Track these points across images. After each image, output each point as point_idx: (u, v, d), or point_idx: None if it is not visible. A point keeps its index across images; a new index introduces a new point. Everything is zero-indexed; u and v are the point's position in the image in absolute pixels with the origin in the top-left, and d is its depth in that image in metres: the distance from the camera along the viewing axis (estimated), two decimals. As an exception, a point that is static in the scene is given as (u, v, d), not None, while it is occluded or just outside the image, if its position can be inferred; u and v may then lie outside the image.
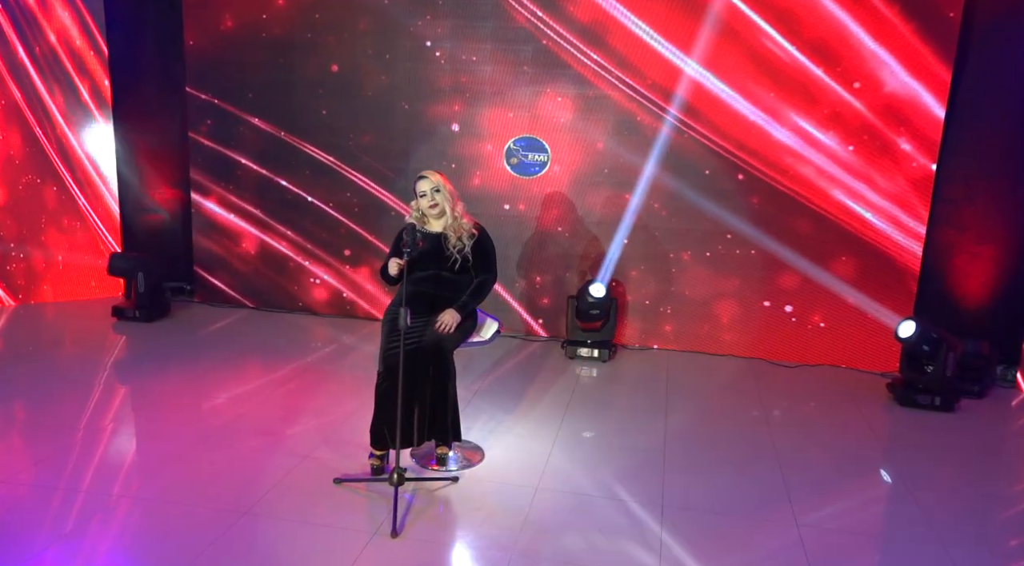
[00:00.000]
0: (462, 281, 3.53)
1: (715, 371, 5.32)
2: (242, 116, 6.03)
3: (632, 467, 3.73)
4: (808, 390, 5.03)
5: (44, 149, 6.01)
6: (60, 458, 3.54)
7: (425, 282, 3.48)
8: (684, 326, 5.67)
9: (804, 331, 5.49)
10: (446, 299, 3.47)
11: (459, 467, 3.63)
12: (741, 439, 4.14)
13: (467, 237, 3.50)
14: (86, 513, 3.06)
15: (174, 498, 3.22)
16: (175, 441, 3.81)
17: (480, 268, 3.56)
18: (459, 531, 3.10)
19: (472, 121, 5.71)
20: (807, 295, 5.44)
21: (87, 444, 3.73)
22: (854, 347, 5.43)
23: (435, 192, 3.47)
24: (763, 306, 5.52)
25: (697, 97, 5.33)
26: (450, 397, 3.42)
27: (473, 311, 3.59)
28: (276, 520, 3.09)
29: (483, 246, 3.56)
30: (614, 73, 5.42)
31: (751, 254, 5.46)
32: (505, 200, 5.77)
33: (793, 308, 5.47)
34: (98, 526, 2.98)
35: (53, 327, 5.73)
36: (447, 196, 3.49)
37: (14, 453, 3.61)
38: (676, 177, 5.47)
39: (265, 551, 2.87)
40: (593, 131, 5.54)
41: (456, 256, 3.46)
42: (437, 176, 3.51)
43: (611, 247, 5.61)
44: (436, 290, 3.48)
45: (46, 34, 5.88)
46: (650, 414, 4.45)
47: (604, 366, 5.31)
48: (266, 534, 2.98)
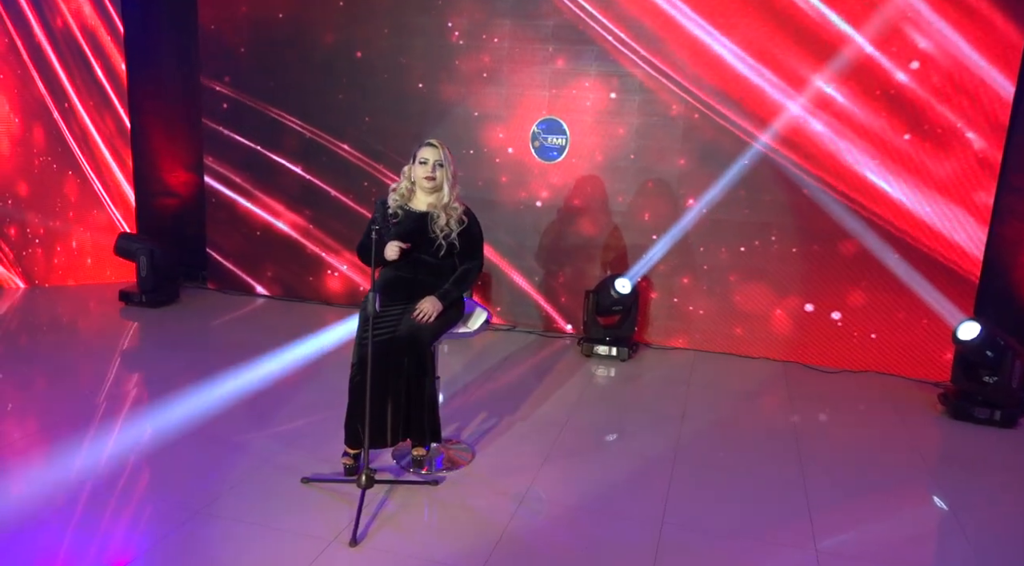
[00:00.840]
0: (445, 267, 3.20)
1: (745, 374, 4.87)
2: (256, 100, 5.84)
3: (635, 478, 3.34)
4: (847, 398, 4.53)
5: (60, 131, 5.94)
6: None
7: (405, 266, 3.17)
8: (714, 325, 5.22)
9: (848, 334, 4.98)
10: (427, 286, 3.15)
11: (444, 469, 3.30)
12: (763, 450, 3.70)
13: (456, 222, 3.17)
14: (34, 504, 2.85)
15: (132, 492, 2.98)
16: (139, 432, 3.59)
17: (466, 256, 3.23)
18: (425, 543, 2.77)
19: (491, 103, 5.38)
20: (853, 295, 4.93)
21: (40, 433, 3.54)
22: (904, 353, 4.89)
23: (438, 165, 3.15)
24: (803, 306, 5.03)
25: (730, 79, 4.88)
26: (427, 393, 3.10)
27: (458, 300, 3.26)
28: (231, 521, 2.82)
29: (472, 233, 3.23)
30: (641, 53, 5.01)
31: (792, 252, 4.98)
32: (524, 186, 5.43)
33: (836, 309, 4.96)
34: (41, 521, 2.76)
35: (56, 310, 5.63)
36: (448, 174, 3.17)
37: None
38: (708, 166, 5.03)
39: (208, 554, 2.60)
40: (618, 114, 5.15)
41: (441, 241, 3.14)
42: (444, 149, 3.18)
43: (656, 246, 5.19)
44: (416, 275, 3.16)
45: (62, 13, 5.80)
46: (665, 419, 4.04)
47: (622, 365, 4.91)
48: (214, 536, 2.72)
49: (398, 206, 3.20)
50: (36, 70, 5.78)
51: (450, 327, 3.21)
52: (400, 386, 3.05)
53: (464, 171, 5.50)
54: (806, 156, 4.83)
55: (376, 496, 3.03)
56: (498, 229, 5.52)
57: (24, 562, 2.52)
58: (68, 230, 6.11)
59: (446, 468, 3.32)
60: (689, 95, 4.98)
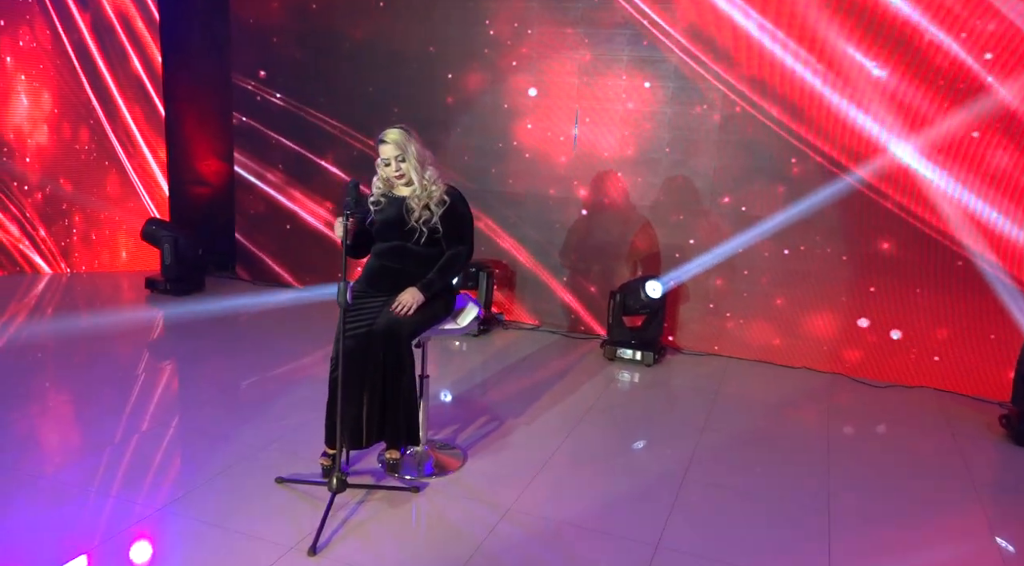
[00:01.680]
0: (433, 255, 2.98)
1: (782, 385, 4.48)
2: (286, 91, 5.76)
3: (636, 494, 3.05)
4: (894, 415, 4.10)
5: (99, 120, 6.01)
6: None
7: (389, 255, 2.96)
8: (751, 331, 4.83)
9: (904, 347, 4.52)
10: (413, 276, 2.93)
11: (433, 474, 3.08)
12: (787, 469, 3.34)
13: (436, 204, 2.94)
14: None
15: (104, 482, 2.88)
16: (126, 420, 3.50)
17: (451, 239, 2.99)
18: (388, 556, 2.55)
19: (520, 93, 5.13)
20: (909, 303, 4.47)
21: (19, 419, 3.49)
22: (965, 369, 4.40)
23: (400, 161, 2.93)
24: (849, 311, 4.60)
25: (770, 69, 4.49)
26: (404, 392, 2.88)
27: (446, 292, 3.03)
28: (191, 519, 2.67)
29: (455, 213, 2.99)
30: (676, 38, 4.67)
31: (842, 259, 4.55)
32: (551, 180, 5.16)
33: (887, 316, 4.52)
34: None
35: (84, 297, 5.67)
36: (414, 162, 2.93)
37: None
38: (746, 161, 4.65)
39: (157, 553, 2.45)
40: (651, 105, 4.82)
41: (421, 228, 2.91)
42: (401, 136, 2.94)
43: (700, 257, 4.83)
44: (401, 265, 2.95)
45: (102, 3, 5.86)
46: (683, 429, 3.72)
47: (647, 371, 4.59)
48: (169, 534, 2.57)
49: (381, 193, 3.00)
50: (77, 60, 5.86)
51: (436, 322, 2.98)
52: (376, 383, 2.84)
53: (490, 164, 5.28)
54: (864, 160, 4.41)
55: (350, 501, 2.84)
56: (524, 224, 5.28)
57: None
58: (104, 217, 6.18)
59: (436, 473, 3.09)
60: (726, 86, 4.62)
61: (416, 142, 2.97)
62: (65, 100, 5.92)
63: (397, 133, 2.95)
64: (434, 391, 4.03)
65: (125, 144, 6.12)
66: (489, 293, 5.08)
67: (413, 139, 2.97)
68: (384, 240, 2.96)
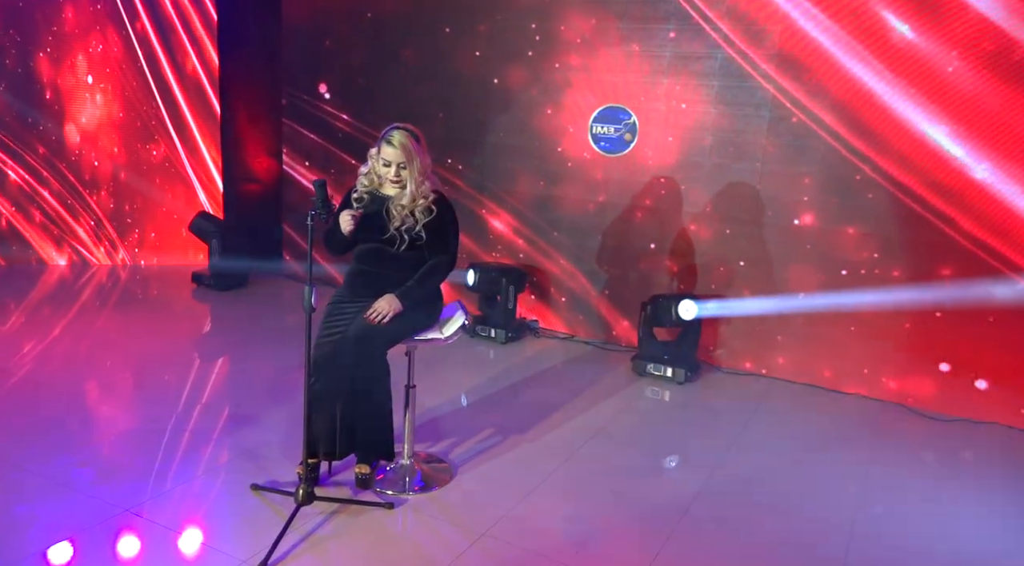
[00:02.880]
0: (415, 260, 2.83)
1: (827, 412, 4.08)
2: (335, 90, 5.76)
3: (626, 527, 2.80)
4: (953, 453, 3.65)
5: (160, 117, 6.20)
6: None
7: (368, 259, 2.84)
8: (799, 351, 4.44)
9: (966, 375, 4.03)
10: (391, 281, 2.80)
11: (409, 491, 2.94)
12: (809, 509, 3.00)
13: (421, 212, 2.78)
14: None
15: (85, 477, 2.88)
16: (125, 412, 3.53)
17: (434, 248, 2.83)
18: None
19: (557, 91, 4.92)
20: (977, 330, 3.98)
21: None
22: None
23: (402, 168, 2.78)
24: (911, 337, 4.14)
25: (833, 73, 4.09)
26: (375, 404, 2.74)
27: (429, 300, 2.87)
28: (154, 523, 2.63)
29: (440, 222, 2.82)
30: (723, 31, 4.35)
31: (904, 281, 4.10)
32: (587, 182, 4.92)
33: (955, 345, 4.04)
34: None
35: (132, 288, 5.84)
36: (416, 174, 2.79)
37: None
38: (798, 167, 4.27)
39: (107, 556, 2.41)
40: (694, 103, 4.50)
41: (402, 235, 2.77)
42: (410, 143, 2.79)
43: (749, 301, 4.47)
44: (379, 269, 2.82)
45: (164, 5, 6.04)
46: (700, 456, 3.43)
47: (678, 389, 4.29)
48: (127, 538, 2.52)
49: (366, 191, 2.87)
50: (144, 60, 6.08)
51: (416, 331, 2.83)
52: (347, 393, 2.72)
53: (526, 166, 5.09)
54: (934, 183, 3.96)
55: (319, 515, 2.72)
56: (559, 229, 5.06)
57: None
58: (162, 212, 6.37)
59: (419, 489, 2.95)
60: (773, 86, 4.25)
61: (422, 153, 2.83)
62: (130, 100, 6.13)
63: (407, 139, 2.81)
64: (448, 399, 3.89)
65: (184, 142, 6.28)
66: (513, 300, 4.88)
67: (421, 149, 2.83)
68: (364, 243, 2.83)
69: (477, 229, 5.35)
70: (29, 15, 5.87)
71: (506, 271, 4.91)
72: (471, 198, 5.34)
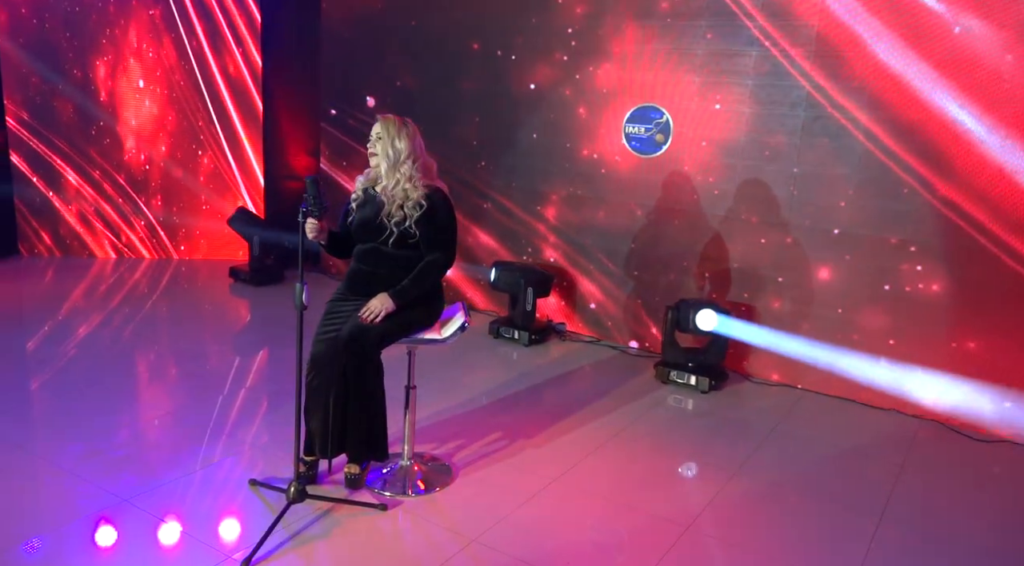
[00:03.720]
0: (410, 259, 2.80)
1: (859, 427, 3.87)
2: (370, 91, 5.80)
3: (625, 541, 2.71)
4: (993, 477, 3.41)
5: (209, 116, 6.36)
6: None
7: (363, 257, 2.82)
8: (836, 363, 4.21)
9: (1012, 396, 3.77)
10: (385, 280, 2.77)
11: (405, 493, 2.90)
12: (824, 529, 2.83)
13: (411, 207, 2.74)
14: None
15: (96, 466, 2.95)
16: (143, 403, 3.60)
17: (428, 246, 2.79)
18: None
19: (589, 89, 4.82)
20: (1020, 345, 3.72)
21: (79, 396, 3.67)
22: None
23: (377, 139, 2.77)
24: (956, 352, 3.89)
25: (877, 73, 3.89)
26: (366, 404, 2.72)
27: (426, 300, 2.83)
28: (148, 512, 2.66)
29: (434, 218, 2.78)
30: (758, 24, 4.18)
31: (950, 295, 3.86)
32: (617, 184, 4.81)
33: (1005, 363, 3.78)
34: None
35: (172, 282, 6.00)
36: (390, 151, 2.74)
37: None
38: (833, 169, 4.07)
39: (94, 548, 2.45)
40: (728, 103, 4.34)
41: (392, 228, 2.73)
42: (394, 122, 2.78)
43: (776, 335, 4.31)
44: (374, 268, 2.79)
45: (212, 7, 6.19)
46: (712, 470, 3.29)
47: (701, 398, 4.14)
48: (120, 527, 2.56)
49: (362, 189, 2.85)
50: (194, 61, 6.25)
51: (412, 330, 2.79)
52: (338, 392, 2.70)
53: (556, 165, 5.01)
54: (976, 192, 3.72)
55: (311, 513, 2.72)
56: (588, 231, 4.96)
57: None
58: (203, 209, 6.53)
59: (415, 491, 2.91)
60: (810, 83, 4.06)
61: (406, 137, 2.79)
62: (179, 102, 6.31)
63: (393, 117, 2.82)
64: (460, 400, 3.85)
65: (229, 141, 6.42)
66: (532, 301, 4.81)
67: (405, 132, 2.79)
68: (361, 241, 2.82)
69: (506, 230, 5.30)
70: (83, 20, 6.09)
71: (527, 272, 4.84)
72: (501, 199, 5.29)
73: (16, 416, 3.39)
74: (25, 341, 4.42)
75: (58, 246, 6.42)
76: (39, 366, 4.07)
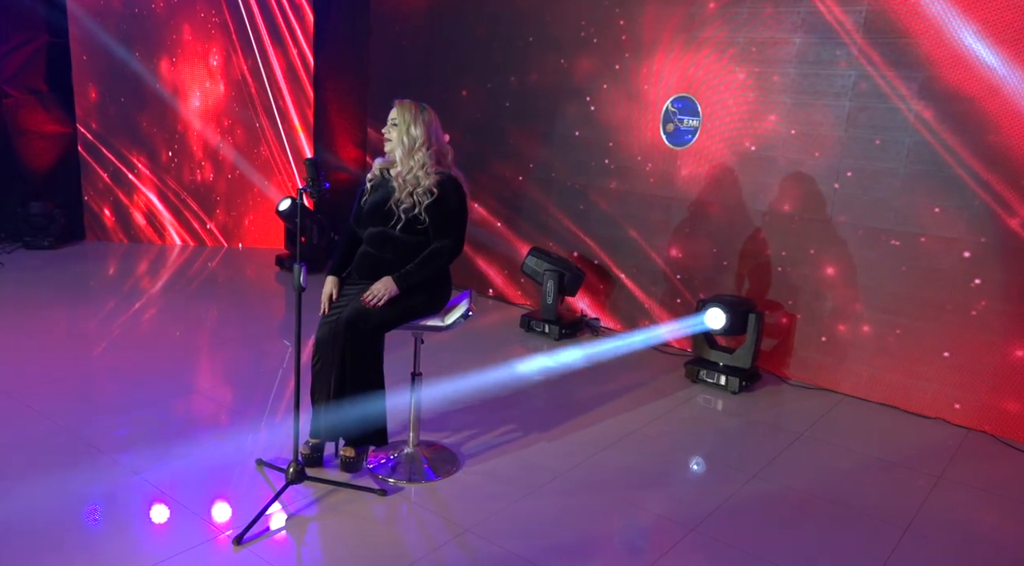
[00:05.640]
0: (418, 244, 2.78)
1: (897, 435, 3.65)
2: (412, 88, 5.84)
3: (625, 538, 2.63)
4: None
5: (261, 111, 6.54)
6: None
7: (371, 241, 2.82)
8: (880, 367, 3.99)
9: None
10: (391, 264, 2.77)
11: (407, 479, 2.90)
12: (837, 537, 2.68)
13: (422, 194, 2.72)
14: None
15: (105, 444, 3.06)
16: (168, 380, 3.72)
17: (437, 232, 2.77)
18: (309, 560, 2.41)
19: (621, 78, 4.71)
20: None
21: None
22: None
23: (392, 125, 2.77)
24: (1009, 360, 3.63)
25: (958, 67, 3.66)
26: (363, 388, 2.72)
27: (431, 286, 2.81)
28: (154, 488, 2.74)
29: (444, 206, 2.76)
30: (802, 9, 3.99)
31: (1005, 296, 3.61)
32: (653, 175, 4.68)
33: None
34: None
35: (221, 269, 6.19)
36: (405, 138, 2.74)
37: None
38: (883, 163, 3.86)
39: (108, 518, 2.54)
40: (769, 92, 4.16)
41: (400, 215, 2.72)
42: (411, 107, 2.78)
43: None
44: (380, 252, 2.79)
45: (275, 4, 6.36)
46: (728, 472, 3.16)
47: (731, 399, 3.99)
48: (129, 500, 2.65)
49: (378, 171, 2.86)
50: (259, 55, 6.44)
51: (413, 317, 2.78)
52: (337, 375, 2.71)
53: (591, 157, 4.93)
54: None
55: (310, 495, 2.74)
56: (625, 224, 4.86)
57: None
58: (257, 197, 6.72)
59: (417, 478, 2.90)
60: (857, 71, 3.85)
61: (422, 123, 2.78)
62: (238, 97, 6.51)
63: (410, 103, 2.81)
64: (478, 389, 3.82)
65: (286, 133, 6.58)
66: (554, 294, 4.73)
67: (421, 119, 2.78)
68: (372, 225, 2.82)
69: (539, 222, 5.25)
70: (149, 19, 6.34)
71: (558, 264, 4.77)
72: (536, 190, 5.24)
73: (54, 389, 3.55)
74: (74, 322, 4.64)
75: (123, 233, 6.72)
76: (80, 342, 4.26)
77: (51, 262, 5.92)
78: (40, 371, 3.74)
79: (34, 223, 6.15)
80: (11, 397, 3.40)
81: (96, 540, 2.41)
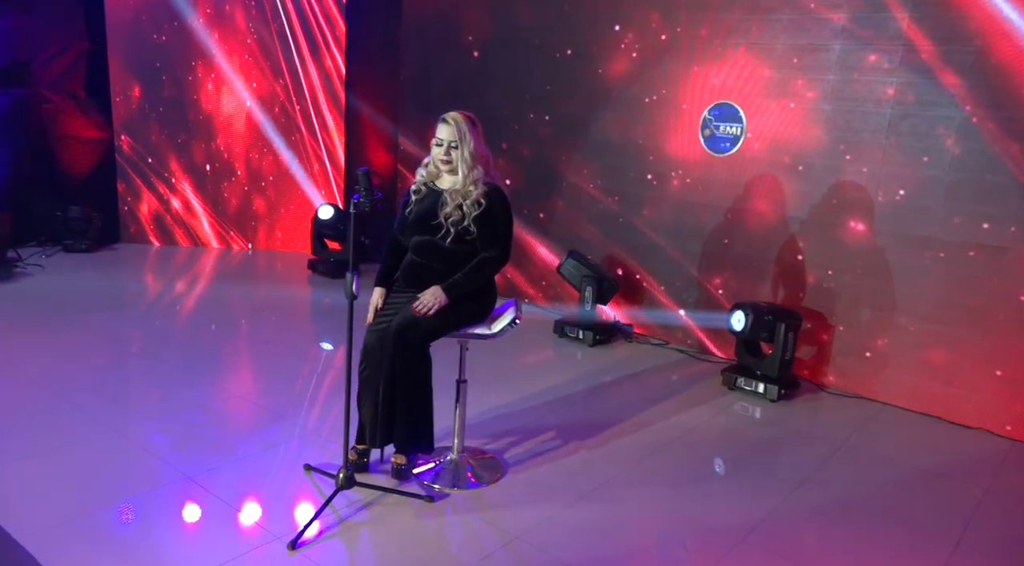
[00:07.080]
0: (465, 254, 2.80)
1: (942, 446, 3.61)
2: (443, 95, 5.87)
3: (674, 547, 2.64)
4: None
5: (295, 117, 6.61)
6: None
7: (418, 250, 2.84)
8: (921, 376, 3.96)
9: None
10: (439, 274, 2.79)
11: (453, 486, 2.92)
12: (888, 552, 2.66)
13: (470, 205, 2.75)
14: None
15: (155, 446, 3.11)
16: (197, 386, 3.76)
17: (485, 242, 2.79)
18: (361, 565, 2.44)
19: (659, 85, 4.71)
20: None
21: (158, 377, 3.86)
22: None
23: (452, 146, 2.78)
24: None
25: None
26: (413, 395, 2.74)
27: (478, 295, 2.83)
28: (206, 491, 2.79)
29: (492, 217, 2.78)
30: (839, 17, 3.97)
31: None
32: (689, 181, 4.67)
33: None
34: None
35: (255, 272, 6.25)
36: (467, 156, 2.76)
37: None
38: (924, 169, 3.83)
39: (144, 523, 2.58)
40: (808, 99, 4.15)
41: (448, 227, 2.74)
42: (465, 122, 2.79)
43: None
44: (428, 261, 2.81)
45: (308, 13, 6.42)
46: (771, 483, 3.15)
47: (769, 407, 3.97)
48: (170, 505, 2.69)
49: (423, 183, 2.88)
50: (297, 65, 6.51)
51: (462, 326, 2.80)
52: (386, 383, 2.74)
53: (627, 162, 4.93)
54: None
55: (361, 501, 2.77)
56: (660, 230, 4.85)
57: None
58: (289, 201, 6.78)
59: (463, 485, 2.92)
60: (897, 79, 3.82)
61: (477, 137, 2.80)
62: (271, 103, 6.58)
63: (461, 117, 2.81)
64: (520, 396, 3.84)
65: (322, 136, 6.63)
66: (593, 302, 4.74)
67: (476, 133, 2.80)
68: (418, 234, 2.84)
69: (571, 229, 5.26)
70: (187, 26, 6.42)
71: (592, 270, 4.79)
72: (572, 196, 5.25)
73: (99, 391, 3.61)
74: (114, 323, 4.71)
75: (157, 236, 6.80)
76: (121, 345, 4.32)
77: (89, 264, 6.01)
78: (83, 373, 3.80)
79: (73, 227, 6.24)
80: (60, 399, 3.46)
81: (151, 543, 2.45)
